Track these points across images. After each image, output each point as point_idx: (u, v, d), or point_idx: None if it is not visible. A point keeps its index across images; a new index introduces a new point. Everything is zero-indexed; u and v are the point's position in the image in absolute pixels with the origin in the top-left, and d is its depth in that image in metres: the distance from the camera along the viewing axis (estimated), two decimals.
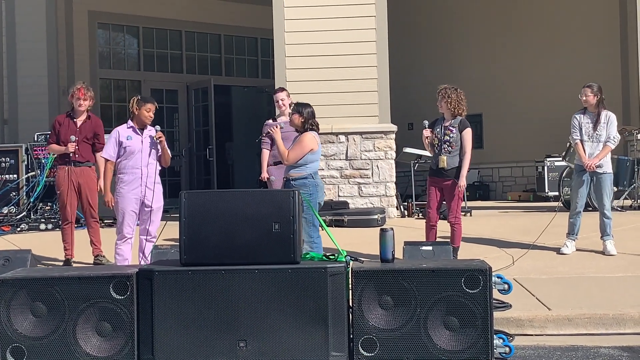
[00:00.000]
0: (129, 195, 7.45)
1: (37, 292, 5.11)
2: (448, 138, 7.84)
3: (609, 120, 8.40)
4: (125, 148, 7.47)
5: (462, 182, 7.85)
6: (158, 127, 7.61)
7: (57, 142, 8.41)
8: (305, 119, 7.34)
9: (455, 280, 5.05)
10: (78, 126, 8.40)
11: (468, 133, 7.89)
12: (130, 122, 7.59)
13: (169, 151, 7.71)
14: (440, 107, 7.98)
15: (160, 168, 7.66)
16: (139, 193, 7.47)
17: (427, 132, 7.95)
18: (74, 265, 8.29)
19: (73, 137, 8.26)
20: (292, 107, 7.54)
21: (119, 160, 7.54)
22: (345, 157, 11.11)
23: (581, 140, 8.44)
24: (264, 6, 12.58)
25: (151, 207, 7.46)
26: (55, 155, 8.93)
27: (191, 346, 5.09)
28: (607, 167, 8.46)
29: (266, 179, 8.29)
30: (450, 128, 7.86)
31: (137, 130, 7.53)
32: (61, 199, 8.36)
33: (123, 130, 7.56)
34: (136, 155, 7.47)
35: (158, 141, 7.51)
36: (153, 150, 7.52)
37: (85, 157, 8.38)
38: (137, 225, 7.63)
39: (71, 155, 8.26)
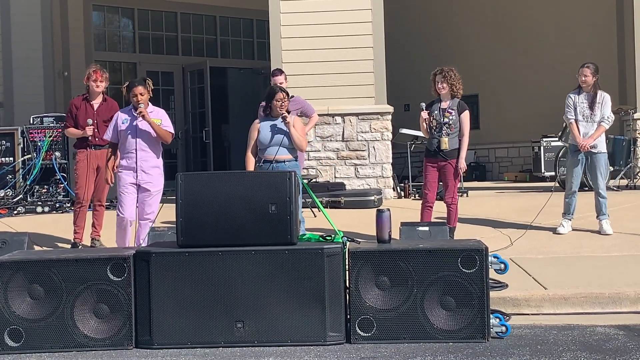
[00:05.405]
0: (126, 177, 7.42)
1: (35, 274, 5.13)
2: (447, 120, 7.79)
3: (604, 101, 8.40)
4: (121, 132, 7.43)
5: (462, 164, 7.81)
6: (142, 105, 7.41)
7: (75, 126, 8.39)
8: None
9: (452, 260, 5.07)
10: (95, 109, 8.38)
11: (466, 115, 7.86)
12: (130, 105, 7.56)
13: (163, 128, 7.44)
14: (441, 89, 7.85)
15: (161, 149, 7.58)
16: (134, 177, 7.41)
17: (425, 114, 7.87)
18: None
19: (90, 121, 8.24)
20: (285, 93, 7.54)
21: (120, 143, 7.50)
22: (342, 138, 11.09)
23: (576, 120, 8.45)
24: None
25: (148, 190, 7.41)
26: (51, 138, 8.85)
27: (188, 327, 5.11)
28: (602, 146, 8.46)
29: None
30: (450, 110, 7.82)
31: (134, 113, 7.46)
32: (79, 181, 8.28)
33: (122, 113, 7.52)
34: (129, 139, 7.40)
35: (140, 116, 7.38)
36: (146, 132, 7.43)
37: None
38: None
39: (90, 138, 8.24)
